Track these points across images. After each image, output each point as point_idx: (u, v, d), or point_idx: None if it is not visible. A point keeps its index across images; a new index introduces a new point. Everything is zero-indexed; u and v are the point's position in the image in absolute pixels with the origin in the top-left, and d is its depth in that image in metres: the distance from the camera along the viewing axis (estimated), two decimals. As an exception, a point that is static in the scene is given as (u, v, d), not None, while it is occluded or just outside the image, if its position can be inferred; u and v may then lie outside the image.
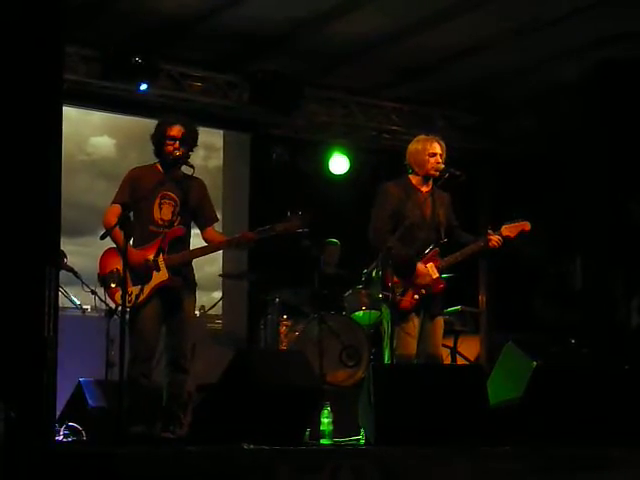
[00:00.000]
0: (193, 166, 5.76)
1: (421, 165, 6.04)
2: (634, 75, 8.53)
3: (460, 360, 8.65)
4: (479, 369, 6.11)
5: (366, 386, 5.23)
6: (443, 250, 6.03)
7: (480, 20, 7.90)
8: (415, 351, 5.88)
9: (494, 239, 6.00)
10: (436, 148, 6.04)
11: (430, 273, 5.91)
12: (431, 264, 5.95)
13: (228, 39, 8.32)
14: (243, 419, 5.04)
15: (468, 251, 6.03)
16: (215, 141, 10.10)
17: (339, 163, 10.16)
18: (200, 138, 5.99)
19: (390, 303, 5.83)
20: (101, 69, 8.25)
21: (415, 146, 6.09)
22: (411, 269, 5.90)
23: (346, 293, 8.44)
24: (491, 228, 6.08)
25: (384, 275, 5.89)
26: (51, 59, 4.56)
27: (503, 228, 6.05)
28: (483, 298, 10.14)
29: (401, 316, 5.86)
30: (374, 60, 8.77)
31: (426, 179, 6.08)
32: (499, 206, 9.69)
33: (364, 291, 8.26)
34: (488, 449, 4.86)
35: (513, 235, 6.07)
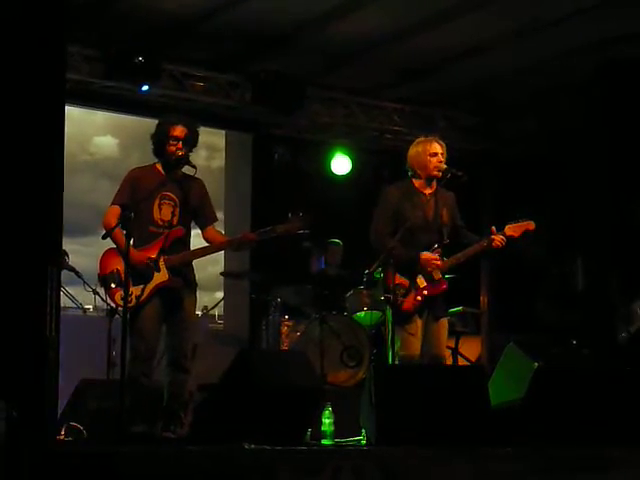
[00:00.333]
0: (196, 166, 5.76)
1: (423, 167, 6.01)
2: (636, 75, 8.53)
3: (461, 361, 8.64)
4: (480, 370, 6.10)
5: (367, 386, 5.22)
6: (446, 251, 6.00)
7: (481, 21, 7.91)
8: (419, 352, 5.87)
9: (498, 239, 5.94)
10: (436, 148, 6.01)
11: (436, 258, 5.88)
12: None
13: (230, 39, 8.32)
14: (244, 419, 5.04)
15: (470, 252, 5.99)
16: (217, 142, 10.11)
17: (341, 163, 10.17)
18: (202, 138, 5.99)
19: (392, 304, 5.82)
20: (104, 69, 8.26)
21: (415, 149, 6.06)
22: (414, 263, 5.88)
23: (348, 293, 8.44)
24: (495, 228, 6.03)
25: (386, 277, 5.89)
26: (54, 59, 4.55)
27: (507, 228, 5.99)
28: (484, 299, 10.15)
29: (404, 317, 5.85)
30: (376, 60, 8.77)
31: (429, 181, 6.04)
32: (501, 207, 9.69)
33: (366, 292, 8.26)
34: (489, 450, 4.85)
35: (517, 235, 6.00)
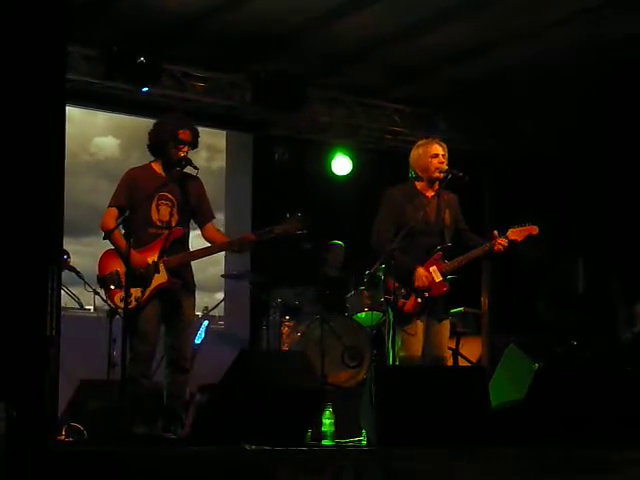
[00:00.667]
0: (198, 167, 5.76)
1: (425, 168, 5.99)
2: (638, 76, 8.52)
3: (462, 362, 8.64)
4: (481, 371, 6.11)
5: (368, 387, 5.22)
6: (449, 253, 5.97)
7: (483, 21, 7.91)
8: (419, 352, 5.85)
9: (500, 243, 5.90)
10: (437, 149, 6.00)
11: (429, 276, 5.86)
12: (434, 267, 5.89)
13: (231, 39, 8.32)
14: (245, 420, 5.03)
15: (473, 255, 5.96)
16: (218, 142, 10.10)
17: (342, 164, 10.16)
18: (203, 139, 5.99)
19: (393, 306, 5.81)
20: (104, 69, 8.25)
21: (416, 151, 6.05)
22: (410, 274, 5.87)
23: (348, 294, 8.44)
24: (497, 231, 5.97)
25: (386, 278, 5.89)
26: (54, 59, 4.54)
27: (510, 232, 5.94)
28: (485, 300, 10.14)
29: (405, 319, 5.83)
30: (376, 60, 8.77)
31: (431, 183, 6.02)
32: (502, 207, 9.68)
33: (366, 292, 8.26)
34: (490, 450, 4.86)
35: (520, 239, 5.94)
